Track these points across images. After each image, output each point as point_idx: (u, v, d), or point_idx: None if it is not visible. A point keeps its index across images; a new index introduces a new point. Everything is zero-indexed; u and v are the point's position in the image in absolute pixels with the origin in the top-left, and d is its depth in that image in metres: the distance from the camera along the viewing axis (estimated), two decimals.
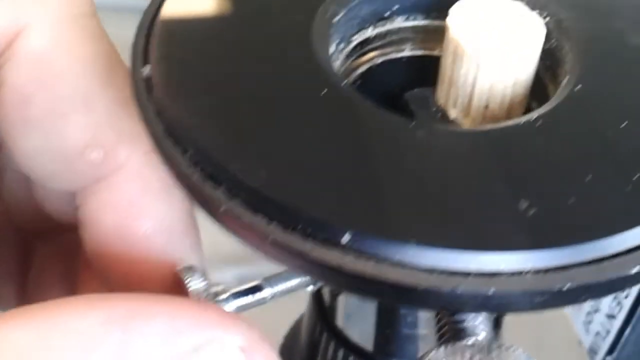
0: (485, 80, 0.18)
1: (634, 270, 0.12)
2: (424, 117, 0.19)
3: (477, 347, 0.14)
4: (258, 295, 0.19)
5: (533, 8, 0.18)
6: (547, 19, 0.19)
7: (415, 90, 0.20)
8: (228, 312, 0.17)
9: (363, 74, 0.20)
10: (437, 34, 0.21)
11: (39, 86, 0.18)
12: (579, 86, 0.16)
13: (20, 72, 0.18)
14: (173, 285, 0.19)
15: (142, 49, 0.17)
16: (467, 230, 0.13)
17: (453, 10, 0.18)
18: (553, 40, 0.18)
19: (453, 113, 0.19)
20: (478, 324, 0.15)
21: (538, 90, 0.19)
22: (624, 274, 0.12)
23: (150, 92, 0.16)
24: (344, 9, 0.19)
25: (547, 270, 0.12)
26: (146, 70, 0.16)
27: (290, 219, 0.13)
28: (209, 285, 0.19)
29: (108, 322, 0.15)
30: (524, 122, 0.16)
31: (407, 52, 0.21)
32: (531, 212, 0.13)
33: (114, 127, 0.18)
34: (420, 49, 0.21)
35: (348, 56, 0.20)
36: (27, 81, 0.18)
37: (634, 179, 0.14)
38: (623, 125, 0.15)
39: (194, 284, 0.18)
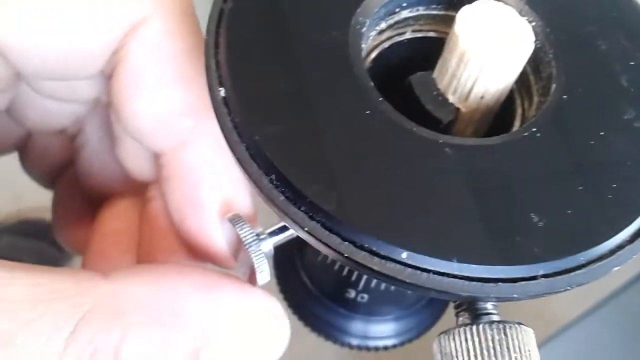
0: (484, 81, 0.22)
1: (614, 269, 0.18)
2: (427, 99, 0.23)
3: (495, 328, 0.19)
4: (287, 233, 0.23)
5: (521, 14, 0.22)
6: (533, 24, 0.23)
7: (418, 74, 0.24)
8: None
9: (375, 58, 0.24)
10: (432, 18, 0.24)
11: (153, 63, 0.23)
12: (565, 97, 0.21)
13: (140, 49, 0.23)
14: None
15: (215, 71, 0.20)
16: (495, 249, 0.18)
17: (459, 18, 0.22)
18: (537, 42, 0.22)
19: (452, 98, 0.23)
20: (491, 308, 0.20)
21: (521, 80, 0.23)
22: (608, 271, 0.18)
23: (230, 114, 0.19)
24: (368, 19, 0.22)
25: (554, 274, 0.18)
26: (222, 92, 0.19)
27: (360, 240, 0.18)
28: (253, 229, 0.23)
29: (196, 288, 0.21)
30: (527, 135, 0.20)
31: (408, 34, 0.25)
32: (541, 224, 0.18)
33: (203, 102, 0.22)
34: (418, 32, 0.25)
35: (367, 49, 0.23)
36: (144, 57, 0.23)
37: (614, 187, 0.19)
38: (601, 134, 0.20)
39: (242, 228, 0.23)
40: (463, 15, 0.22)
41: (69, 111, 0.28)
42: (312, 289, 0.35)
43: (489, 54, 0.21)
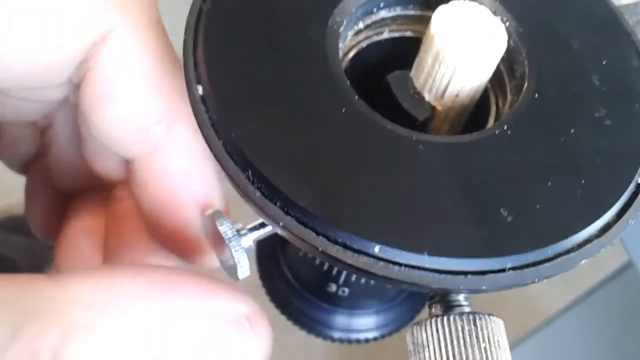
0: (459, 79, 0.22)
1: (583, 263, 0.19)
2: (404, 98, 0.24)
3: (465, 319, 0.19)
4: (267, 229, 0.24)
5: (495, 14, 0.23)
6: (507, 23, 0.23)
7: (395, 72, 0.24)
8: (238, 289, 0.22)
9: (353, 57, 0.25)
10: (409, 18, 0.25)
11: (122, 72, 0.23)
12: (537, 95, 0.21)
13: (109, 59, 0.23)
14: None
15: (193, 69, 0.20)
16: (465, 242, 0.18)
17: (434, 18, 0.22)
18: (510, 41, 0.23)
19: (427, 97, 0.24)
20: (463, 300, 0.20)
21: (496, 79, 0.24)
22: (577, 264, 0.19)
23: (207, 112, 0.20)
24: (345, 19, 0.22)
25: (522, 267, 0.18)
26: (200, 90, 0.20)
27: (334, 235, 0.18)
28: (233, 225, 0.24)
29: (151, 289, 0.19)
30: (499, 132, 0.20)
31: (386, 34, 0.25)
32: (510, 219, 0.19)
33: (174, 109, 0.23)
34: (395, 31, 0.25)
35: (345, 48, 0.24)
36: (113, 67, 0.23)
37: (582, 182, 0.20)
38: (572, 131, 0.21)
39: (222, 224, 0.23)
40: (438, 15, 0.22)
41: (39, 108, 0.28)
42: (294, 284, 0.35)
43: (462, 53, 0.22)
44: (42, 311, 0.17)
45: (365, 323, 0.37)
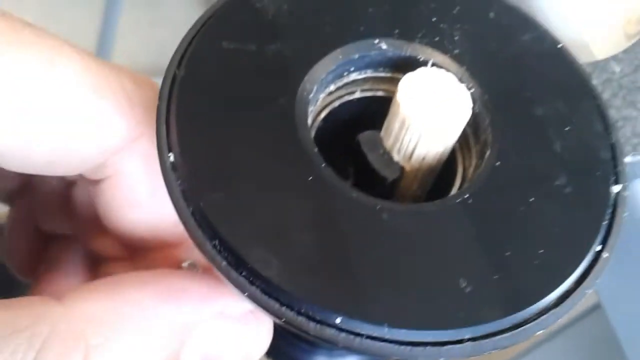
0: (425, 144, 0.23)
1: (538, 333, 0.19)
2: (374, 158, 0.25)
3: None
4: None
5: (461, 80, 0.23)
6: (472, 90, 0.24)
7: (366, 132, 0.25)
8: None
9: (326, 116, 0.25)
10: (380, 80, 0.26)
11: (145, 180, 0.25)
12: (498, 163, 0.22)
13: (133, 164, 0.25)
14: None
15: (165, 137, 0.21)
16: (424, 314, 0.19)
17: (401, 86, 0.23)
18: (475, 107, 0.24)
19: (396, 157, 0.24)
20: None
21: (463, 140, 0.24)
22: (533, 334, 0.19)
23: (177, 179, 0.20)
24: (316, 85, 0.23)
25: (480, 338, 0.19)
26: (171, 157, 0.21)
27: (297, 306, 0.19)
28: None
29: (162, 298, 0.21)
30: (460, 201, 0.21)
31: (358, 94, 0.26)
32: (468, 289, 0.19)
33: None
34: (367, 91, 0.26)
35: (317, 108, 0.24)
36: (137, 172, 0.25)
37: (540, 252, 0.20)
38: (531, 200, 0.21)
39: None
40: (405, 82, 0.23)
41: None
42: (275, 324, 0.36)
43: (428, 120, 0.22)
44: (58, 334, 0.18)
45: None
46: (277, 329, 0.37)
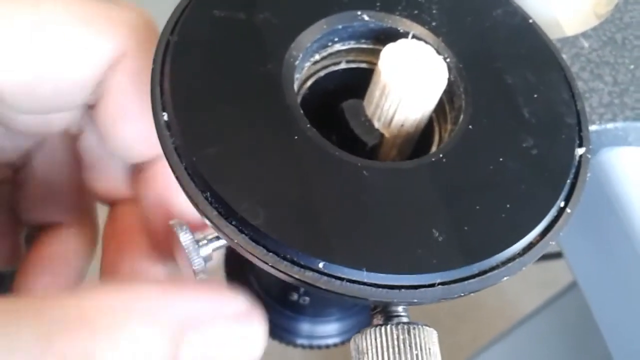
0: (403, 111, 0.25)
1: (505, 279, 0.21)
2: (356, 124, 0.26)
3: (401, 328, 0.22)
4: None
5: (438, 51, 0.25)
6: (448, 60, 0.25)
7: (350, 100, 0.27)
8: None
9: (312, 85, 0.27)
10: (363, 51, 0.27)
11: (136, 92, 0.26)
12: (470, 127, 0.24)
13: (124, 81, 0.26)
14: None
15: (159, 97, 0.22)
16: (400, 260, 0.21)
17: (383, 55, 0.24)
18: (451, 76, 0.25)
19: (377, 124, 0.26)
20: (401, 311, 0.23)
21: (439, 109, 0.26)
22: (500, 280, 0.21)
23: (171, 137, 0.22)
24: (301, 52, 0.24)
25: (450, 282, 0.21)
26: (165, 116, 0.22)
27: (282, 252, 0.20)
28: (193, 234, 0.26)
29: (165, 294, 0.22)
30: (435, 160, 0.23)
31: (343, 64, 0.27)
32: (441, 239, 0.21)
33: None
34: (351, 62, 0.27)
35: (303, 77, 0.26)
36: (127, 88, 0.27)
37: (507, 207, 0.22)
38: (500, 159, 0.23)
39: (183, 234, 0.26)
40: (386, 52, 0.24)
41: (20, 146, 0.30)
42: (259, 292, 0.37)
43: (406, 87, 0.24)
44: (71, 320, 0.19)
45: (327, 330, 0.39)
46: (261, 296, 0.39)
